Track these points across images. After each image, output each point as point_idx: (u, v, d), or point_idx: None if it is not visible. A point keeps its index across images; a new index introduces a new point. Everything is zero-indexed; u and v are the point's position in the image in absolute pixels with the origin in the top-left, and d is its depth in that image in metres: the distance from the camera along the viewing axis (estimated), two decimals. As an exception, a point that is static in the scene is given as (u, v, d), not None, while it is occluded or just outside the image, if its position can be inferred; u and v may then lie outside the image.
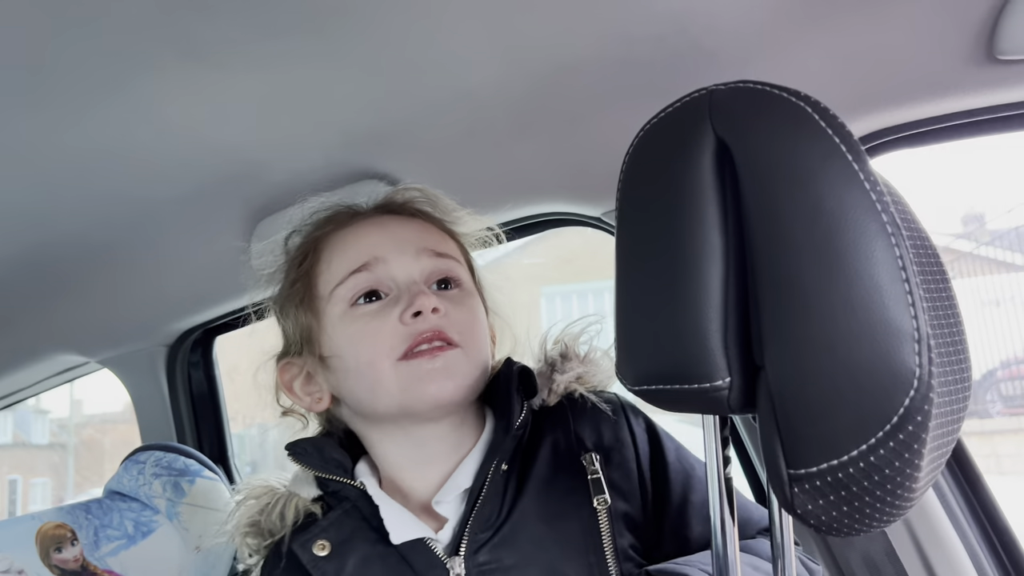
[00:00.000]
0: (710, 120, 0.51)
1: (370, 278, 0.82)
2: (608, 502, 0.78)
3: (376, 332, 0.79)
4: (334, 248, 0.86)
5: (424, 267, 0.83)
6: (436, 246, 0.85)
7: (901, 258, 0.46)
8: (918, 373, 0.45)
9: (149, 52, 0.84)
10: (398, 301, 0.80)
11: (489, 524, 0.78)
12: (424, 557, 0.77)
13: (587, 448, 0.81)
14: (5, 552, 1.01)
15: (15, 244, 1.24)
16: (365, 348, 0.80)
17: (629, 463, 0.82)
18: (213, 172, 1.12)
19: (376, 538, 0.79)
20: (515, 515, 0.78)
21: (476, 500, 0.78)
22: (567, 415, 0.84)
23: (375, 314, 0.80)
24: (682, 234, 0.51)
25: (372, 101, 0.98)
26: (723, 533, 0.58)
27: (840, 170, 0.47)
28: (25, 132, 0.95)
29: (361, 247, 0.83)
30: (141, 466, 1.22)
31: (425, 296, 0.79)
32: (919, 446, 0.46)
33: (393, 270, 0.82)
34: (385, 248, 0.83)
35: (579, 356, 0.87)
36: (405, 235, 0.85)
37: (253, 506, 0.87)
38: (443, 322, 0.79)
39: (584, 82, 0.93)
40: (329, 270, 0.84)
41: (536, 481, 0.80)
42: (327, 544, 0.80)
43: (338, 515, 0.82)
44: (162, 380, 1.51)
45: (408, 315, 0.78)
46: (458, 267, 0.87)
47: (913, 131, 0.94)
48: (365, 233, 0.85)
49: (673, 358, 0.52)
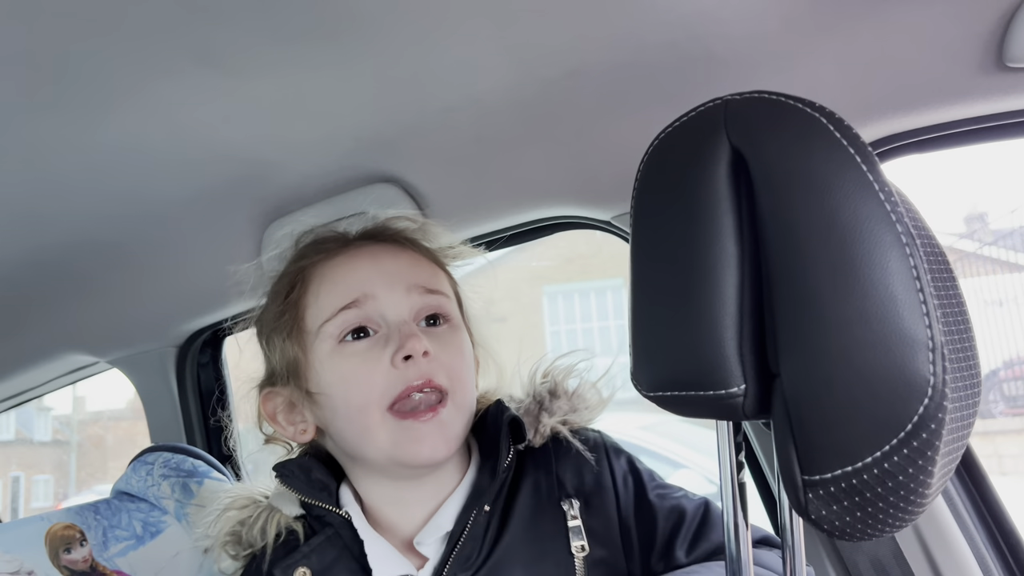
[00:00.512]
0: (725, 130, 0.52)
1: (359, 315, 0.80)
2: (586, 550, 0.78)
3: (367, 375, 0.78)
4: (323, 280, 0.84)
5: (414, 304, 0.82)
6: (427, 282, 0.84)
7: (915, 268, 0.47)
8: (932, 382, 0.46)
9: (165, 57, 0.85)
10: (388, 341, 0.79)
11: (469, 564, 0.78)
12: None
13: (568, 493, 0.81)
14: (15, 553, 1.02)
15: (28, 244, 1.25)
16: (355, 392, 0.79)
17: (609, 509, 0.81)
18: (225, 175, 1.13)
19: (357, 568, 0.79)
20: (495, 555, 0.78)
21: (457, 541, 0.78)
22: (550, 457, 0.84)
23: (365, 354, 0.79)
24: (698, 243, 0.52)
25: (383, 106, 0.99)
26: (736, 537, 0.59)
27: (855, 181, 0.48)
28: (41, 134, 0.96)
29: (351, 282, 0.82)
30: (149, 467, 1.22)
31: (416, 339, 0.77)
32: (932, 453, 0.47)
33: (383, 307, 0.80)
34: (375, 284, 0.81)
35: (567, 393, 0.87)
36: (395, 269, 0.83)
37: (234, 516, 0.88)
38: (432, 367, 0.78)
39: (594, 87, 0.94)
40: (317, 303, 0.83)
41: (517, 522, 0.80)
42: (308, 572, 0.79)
43: (320, 541, 0.82)
44: (172, 380, 1.52)
45: (399, 358, 0.77)
46: (447, 303, 0.85)
47: (922, 137, 0.94)
48: (355, 266, 0.84)
49: (688, 365, 0.52)
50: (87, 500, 1.17)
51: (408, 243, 0.89)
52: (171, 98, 0.92)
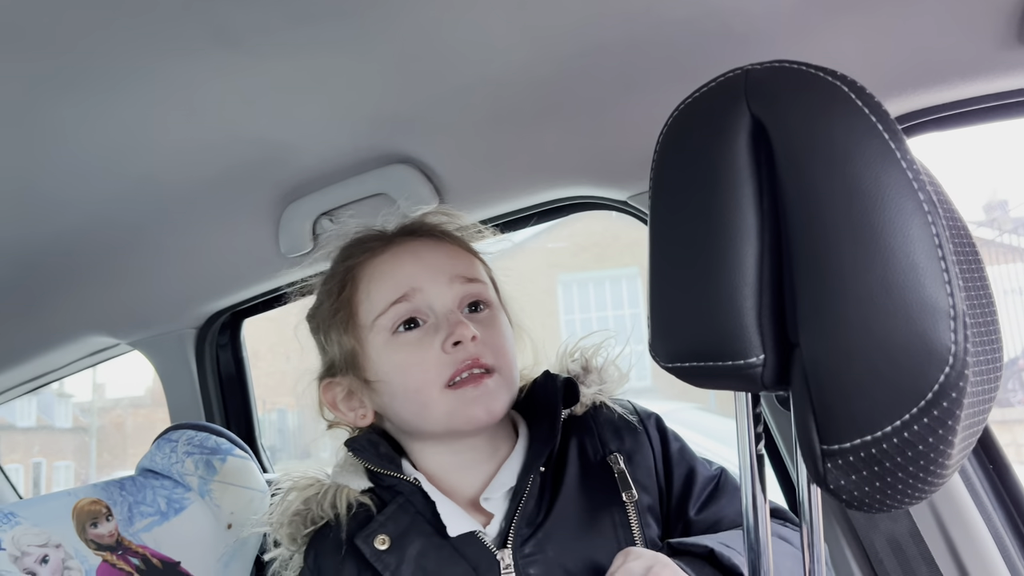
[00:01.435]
0: (746, 99, 0.52)
1: (409, 307, 0.87)
2: (636, 497, 0.87)
3: (421, 361, 0.86)
4: (372, 277, 0.90)
5: (457, 293, 0.89)
6: (466, 271, 0.91)
7: (937, 236, 0.46)
8: (953, 350, 0.45)
9: (183, 38, 0.85)
10: (437, 329, 0.86)
11: (531, 521, 0.85)
12: (476, 549, 0.84)
13: (611, 450, 0.90)
14: (43, 527, 1.04)
15: (48, 227, 1.26)
16: (413, 376, 0.86)
17: (648, 461, 0.91)
18: (242, 156, 1.13)
19: (431, 531, 0.86)
20: (554, 512, 0.86)
21: (520, 498, 0.86)
22: (590, 422, 0.93)
23: (418, 342, 0.87)
24: (717, 213, 0.52)
25: (399, 86, 0.99)
26: (755, 508, 0.59)
27: (877, 149, 0.47)
28: (60, 116, 0.97)
29: (399, 277, 0.89)
30: (173, 444, 1.24)
31: (464, 326, 0.85)
32: (953, 422, 0.47)
33: (430, 298, 0.88)
34: (421, 278, 0.88)
35: (597, 369, 0.96)
36: (438, 262, 0.90)
37: (298, 497, 0.93)
38: (480, 348, 0.86)
39: (611, 65, 0.94)
40: (369, 299, 0.90)
41: (570, 481, 0.88)
42: (387, 538, 0.86)
43: (394, 509, 0.88)
44: (191, 362, 1.54)
45: (449, 344, 0.85)
46: (485, 289, 0.92)
47: (941, 114, 0.93)
48: (400, 262, 0.90)
49: (707, 335, 0.52)
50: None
51: (443, 235, 0.95)
52: (188, 79, 0.93)
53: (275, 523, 0.93)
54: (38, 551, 1.01)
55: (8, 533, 1.00)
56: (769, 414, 1.06)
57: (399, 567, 0.84)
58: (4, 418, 12.83)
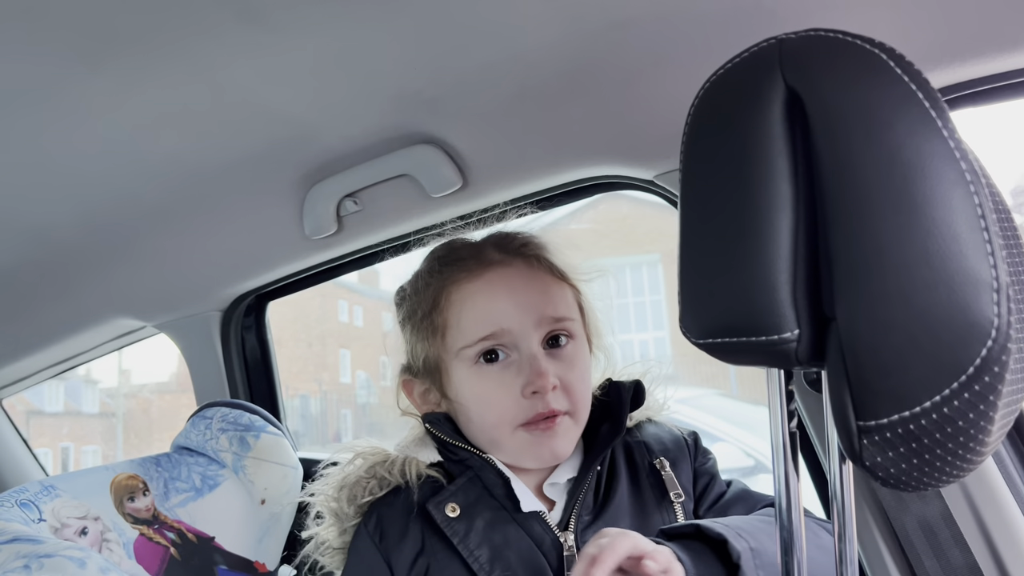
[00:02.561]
0: (780, 69, 0.51)
1: (495, 344, 0.91)
2: (682, 496, 0.94)
3: (501, 400, 0.90)
4: (464, 305, 0.93)
5: (543, 332, 0.92)
6: (556, 310, 0.93)
7: (980, 207, 0.45)
8: (996, 323, 0.44)
9: (209, 16, 0.85)
10: (520, 371, 0.90)
11: (590, 510, 0.91)
12: (540, 528, 0.89)
13: (656, 455, 0.97)
14: (83, 500, 1.06)
15: (77, 208, 1.27)
16: (490, 412, 0.91)
17: (688, 469, 0.98)
18: (266, 136, 1.13)
19: (497, 506, 0.91)
20: (611, 505, 0.92)
21: (582, 489, 0.91)
22: (637, 435, 1.01)
23: (499, 378, 0.91)
24: (751, 186, 0.51)
25: (424, 64, 0.98)
26: (787, 487, 0.58)
27: (917, 117, 0.46)
28: (88, 96, 0.98)
29: (492, 314, 0.92)
30: (208, 421, 1.25)
31: (544, 377, 0.88)
32: (994, 397, 0.46)
33: (517, 339, 0.91)
34: (512, 318, 0.91)
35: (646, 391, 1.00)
36: (530, 301, 0.92)
37: (363, 464, 0.96)
38: (558, 397, 0.90)
39: (638, 40, 0.92)
40: (459, 327, 0.93)
41: (622, 481, 0.94)
42: (457, 507, 0.90)
43: (464, 482, 0.92)
44: (216, 344, 1.55)
45: (528, 391, 0.89)
46: (571, 324, 0.95)
47: (977, 88, 0.91)
48: (494, 296, 0.93)
49: (741, 310, 0.51)
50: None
51: (537, 261, 0.97)
52: (213, 57, 0.93)
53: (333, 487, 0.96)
54: (77, 523, 1.03)
55: (48, 505, 1.02)
56: (798, 395, 1.05)
57: (467, 535, 0.88)
58: (33, 403, 13.05)
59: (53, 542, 0.91)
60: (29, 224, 1.31)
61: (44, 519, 1.00)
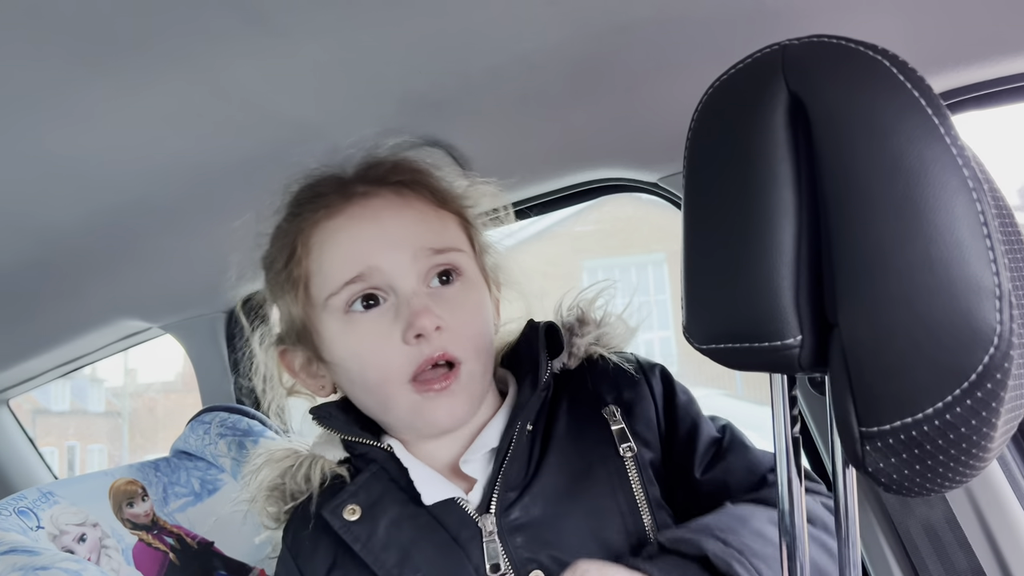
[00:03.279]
0: (783, 75, 0.51)
1: (366, 287, 0.79)
2: (634, 451, 0.80)
3: (381, 351, 0.77)
4: (324, 246, 0.81)
5: (422, 268, 0.80)
6: (436, 241, 0.81)
7: (983, 213, 0.45)
8: (999, 330, 0.44)
9: (213, 19, 0.85)
10: (397, 313, 0.77)
11: (517, 483, 0.79)
12: (455, 516, 0.78)
13: (607, 403, 0.83)
14: (81, 506, 1.06)
15: (82, 209, 1.28)
16: (371, 367, 0.78)
17: (649, 413, 0.83)
18: (271, 138, 1.13)
19: (406, 499, 0.80)
20: (542, 472, 0.79)
21: (503, 459, 0.79)
22: (585, 375, 0.86)
23: (376, 326, 0.78)
24: (754, 191, 0.51)
25: (429, 67, 0.99)
26: (790, 492, 0.58)
27: (920, 124, 0.46)
28: (92, 98, 0.98)
29: (355, 251, 0.79)
30: (207, 426, 1.26)
31: (426, 314, 0.76)
32: (996, 404, 0.46)
33: (390, 277, 0.78)
34: (380, 255, 0.78)
35: (595, 321, 0.88)
36: (400, 232, 0.80)
37: (274, 469, 0.87)
38: (445, 338, 0.77)
39: (643, 44, 0.92)
40: (321, 272, 0.81)
41: (560, 438, 0.81)
42: (357, 508, 0.79)
43: (366, 478, 0.81)
44: (222, 345, 1.55)
45: (411, 335, 0.76)
46: (458, 256, 0.82)
47: (983, 92, 0.91)
48: (358, 231, 0.80)
49: (744, 316, 0.52)
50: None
51: (409, 188, 0.84)
52: (218, 60, 0.93)
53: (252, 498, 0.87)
54: (76, 530, 1.03)
55: (47, 512, 1.02)
56: (802, 400, 1.05)
57: (370, 539, 0.77)
58: (39, 402, 13.08)
59: (50, 554, 0.91)
60: (35, 226, 1.32)
61: (42, 526, 0.99)
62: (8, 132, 1.03)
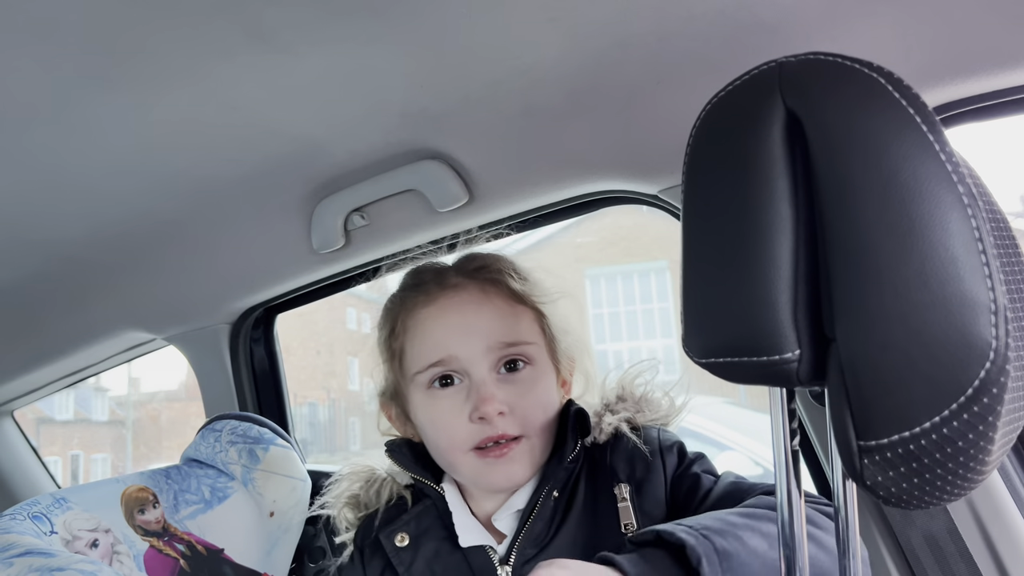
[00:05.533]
0: (780, 92, 0.51)
1: (445, 369, 0.92)
2: (633, 527, 0.87)
3: (450, 424, 0.91)
4: (416, 332, 0.95)
5: (493, 358, 0.91)
6: (507, 335, 0.92)
7: (978, 229, 0.46)
8: (994, 345, 0.45)
9: (220, 37, 0.86)
10: (468, 395, 0.90)
11: (537, 542, 0.89)
12: (482, 561, 0.90)
13: (619, 479, 0.91)
14: (93, 512, 1.07)
15: (89, 222, 1.29)
16: (442, 436, 0.92)
17: (658, 492, 0.90)
18: (275, 152, 1.14)
19: (445, 536, 0.93)
20: (560, 536, 0.89)
21: (527, 520, 0.90)
22: (607, 452, 0.94)
23: (450, 403, 0.91)
24: (751, 207, 0.51)
25: (430, 81, 1.00)
26: (790, 505, 0.59)
27: (915, 141, 0.47)
28: (100, 112, 0.99)
29: (439, 340, 0.92)
30: (217, 434, 1.26)
31: (490, 402, 0.88)
32: (993, 418, 0.46)
33: (465, 364, 0.91)
34: (459, 345, 0.91)
35: (635, 397, 0.98)
36: (479, 327, 0.92)
37: (355, 481, 1.03)
38: (506, 423, 0.89)
39: (642, 58, 0.93)
40: (413, 352, 0.95)
41: (578, 507, 0.91)
42: (406, 536, 0.93)
43: (420, 510, 0.96)
44: (225, 357, 1.56)
45: (475, 416, 0.89)
46: (528, 348, 0.93)
47: (980, 104, 0.92)
48: (444, 323, 0.93)
49: (742, 331, 0.52)
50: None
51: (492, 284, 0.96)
52: (223, 76, 0.94)
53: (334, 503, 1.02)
54: (88, 535, 1.04)
55: (60, 518, 1.03)
56: (803, 410, 1.05)
57: (411, 565, 0.91)
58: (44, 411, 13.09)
59: (65, 556, 0.92)
60: (42, 239, 1.33)
61: (56, 531, 1.01)
62: (15, 145, 1.05)
